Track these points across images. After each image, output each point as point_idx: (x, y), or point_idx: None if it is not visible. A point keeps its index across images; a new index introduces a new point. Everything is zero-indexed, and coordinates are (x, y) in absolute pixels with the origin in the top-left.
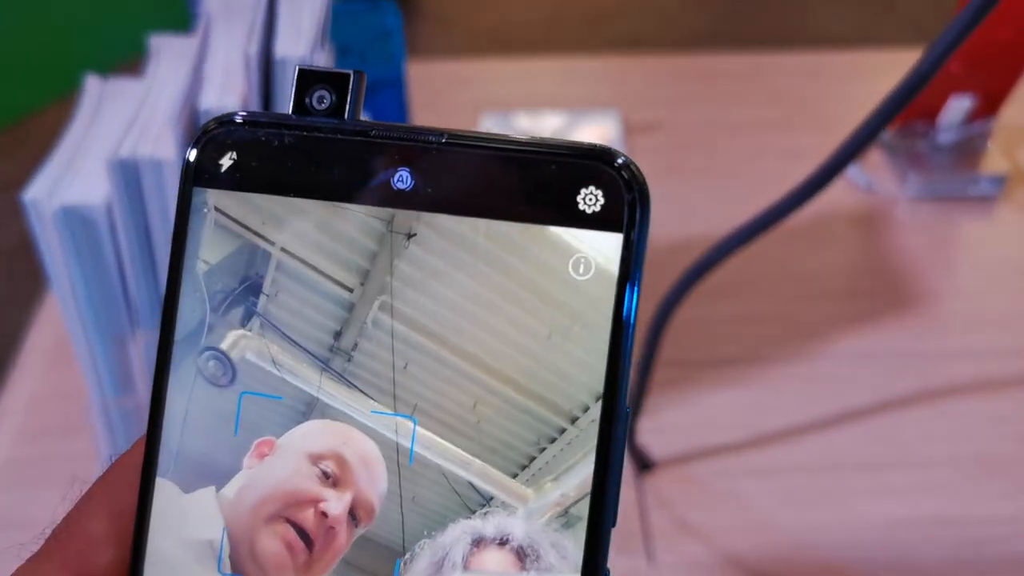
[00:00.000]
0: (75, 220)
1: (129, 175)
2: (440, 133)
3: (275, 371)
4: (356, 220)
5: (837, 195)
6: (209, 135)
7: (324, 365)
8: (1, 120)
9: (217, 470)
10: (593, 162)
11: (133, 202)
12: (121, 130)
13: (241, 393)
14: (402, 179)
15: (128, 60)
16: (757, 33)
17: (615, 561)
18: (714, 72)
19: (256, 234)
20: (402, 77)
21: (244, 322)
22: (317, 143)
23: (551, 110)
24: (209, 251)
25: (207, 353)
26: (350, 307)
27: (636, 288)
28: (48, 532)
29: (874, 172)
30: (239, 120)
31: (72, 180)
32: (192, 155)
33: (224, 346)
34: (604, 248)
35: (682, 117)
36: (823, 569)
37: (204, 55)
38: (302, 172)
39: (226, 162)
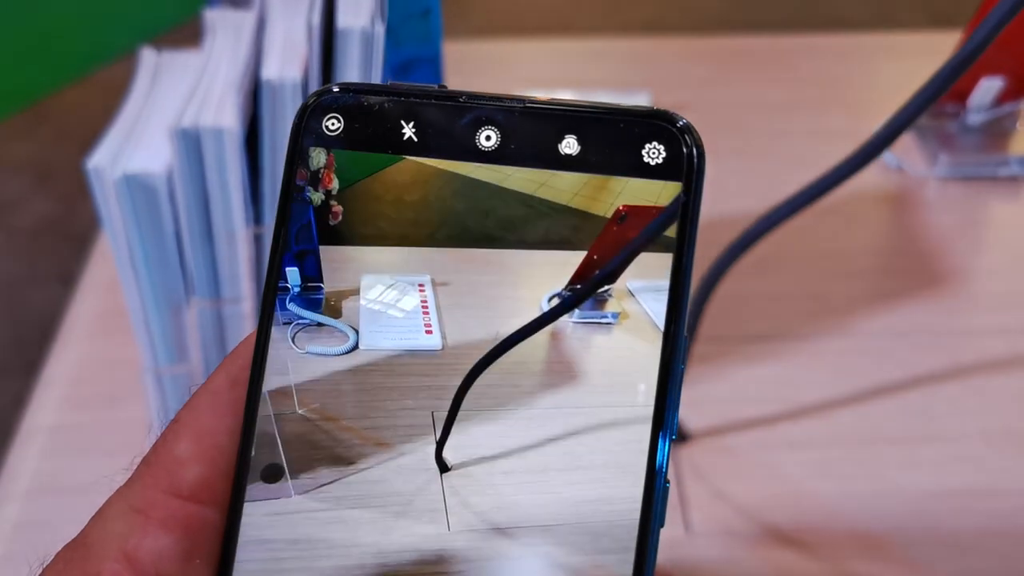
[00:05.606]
0: (136, 188)
1: (191, 144)
2: (521, 99)
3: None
4: None
5: (868, 175)
6: (319, 99)
7: None
8: (20, 100)
9: None
10: (656, 121)
11: (193, 171)
12: (182, 100)
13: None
14: (488, 137)
15: (148, 41)
16: (773, 18)
17: None
18: (741, 54)
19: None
20: (439, 55)
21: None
22: (414, 107)
23: (583, 90)
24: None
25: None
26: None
27: (695, 227)
28: (137, 460)
29: (904, 152)
30: (346, 88)
31: (134, 149)
32: (303, 115)
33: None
34: (665, 195)
35: (711, 98)
36: (857, 538)
37: (263, 27)
38: (402, 132)
39: (333, 123)
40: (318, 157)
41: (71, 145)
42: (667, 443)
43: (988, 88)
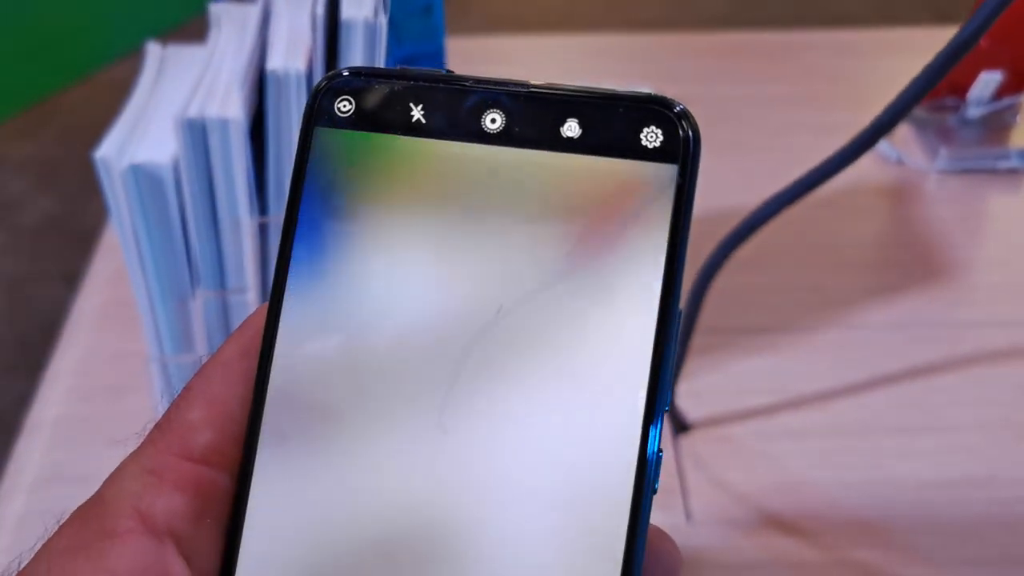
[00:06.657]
0: (143, 178)
1: (196, 135)
2: (525, 84)
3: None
4: None
5: (868, 168)
6: (330, 82)
7: None
8: (23, 99)
9: None
10: (654, 106)
11: (199, 161)
12: (187, 92)
13: None
14: (493, 120)
15: (152, 39)
16: (774, 16)
17: (654, 518)
18: (742, 49)
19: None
20: (442, 52)
21: None
22: (422, 91)
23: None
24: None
25: None
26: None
27: (690, 207)
28: (150, 426)
29: (904, 146)
30: (357, 72)
31: (140, 140)
32: (316, 96)
33: None
34: (662, 176)
35: (712, 94)
36: (855, 527)
37: (267, 19)
38: (411, 115)
39: (344, 105)
40: (327, 140)
41: (74, 144)
42: (662, 410)
43: (987, 82)
